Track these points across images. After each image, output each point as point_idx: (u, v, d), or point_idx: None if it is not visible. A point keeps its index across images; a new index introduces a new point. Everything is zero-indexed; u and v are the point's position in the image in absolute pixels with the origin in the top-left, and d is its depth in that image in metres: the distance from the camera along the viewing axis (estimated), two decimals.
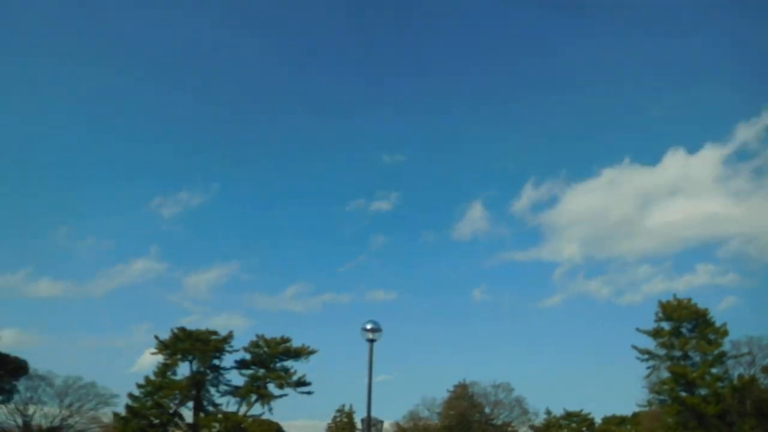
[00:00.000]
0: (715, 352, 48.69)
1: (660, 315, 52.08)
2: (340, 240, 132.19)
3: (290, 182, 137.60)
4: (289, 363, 55.59)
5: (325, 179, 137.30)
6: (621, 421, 70.17)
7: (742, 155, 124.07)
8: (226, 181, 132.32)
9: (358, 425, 66.29)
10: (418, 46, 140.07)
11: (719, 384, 47.83)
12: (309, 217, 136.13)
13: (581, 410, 73.14)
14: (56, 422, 52.77)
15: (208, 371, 54.06)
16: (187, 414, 52.66)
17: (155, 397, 51.02)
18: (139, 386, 51.62)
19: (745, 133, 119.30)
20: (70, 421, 53.83)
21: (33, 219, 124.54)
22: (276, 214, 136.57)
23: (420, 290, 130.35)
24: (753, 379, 48.73)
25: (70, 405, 53.51)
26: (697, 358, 49.55)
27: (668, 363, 50.38)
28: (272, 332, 62.64)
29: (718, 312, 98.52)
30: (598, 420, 72.66)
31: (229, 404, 53.88)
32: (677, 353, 50.20)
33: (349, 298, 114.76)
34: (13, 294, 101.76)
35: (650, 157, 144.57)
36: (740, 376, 49.01)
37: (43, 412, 52.71)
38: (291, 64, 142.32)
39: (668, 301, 52.35)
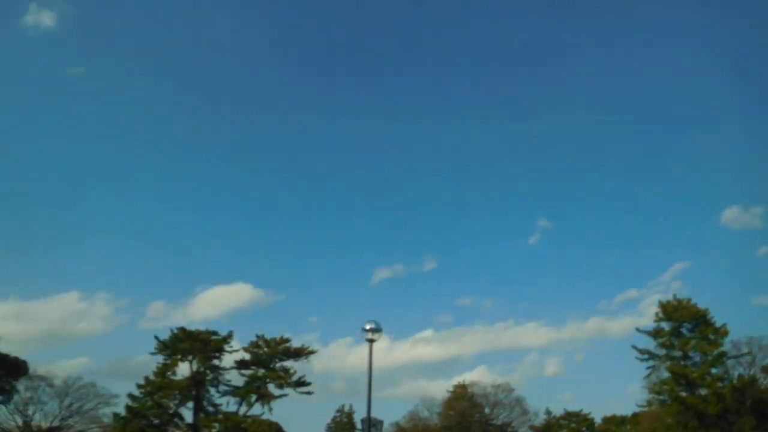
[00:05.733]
0: (715, 352, 48.69)
1: (660, 315, 52.10)
2: None
3: None
4: (288, 363, 55.70)
5: None
6: (621, 421, 70.09)
7: None
8: None
9: (358, 425, 66.26)
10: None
11: (719, 384, 47.81)
12: None
13: (581, 410, 73.24)
14: (56, 422, 52.73)
15: (207, 371, 54.00)
16: (187, 414, 52.66)
17: (155, 397, 50.94)
18: (139, 386, 51.58)
19: None
20: (70, 421, 53.80)
21: None
22: None
23: None
24: (753, 379, 48.75)
25: (70, 405, 53.47)
26: (697, 358, 49.56)
27: (668, 363, 50.38)
28: None
29: None
30: (598, 420, 72.68)
31: (229, 404, 53.91)
32: (677, 353, 50.21)
33: None
34: None
35: None
36: (740, 376, 49.03)
37: (43, 412, 52.75)
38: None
39: (668, 302, 52.38)
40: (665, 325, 51.70)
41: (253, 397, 53.26)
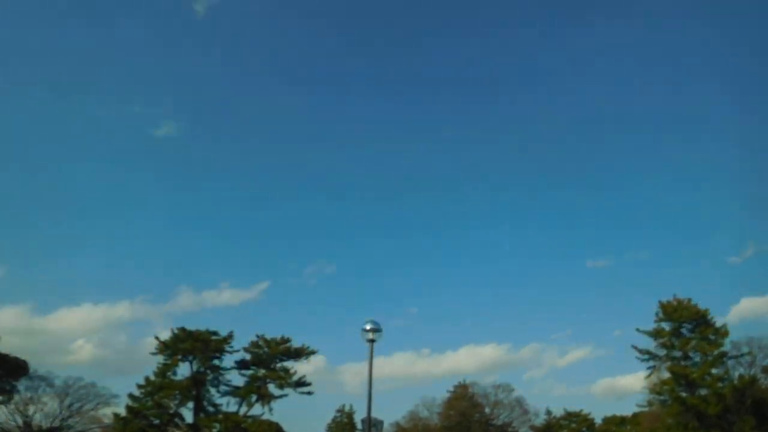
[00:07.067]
0: (716, 352, 48.68)
1: (660, 315, 52.12)
2: None
3: None
4: (289, 363, 55.73)
5: None
6: (621, 421, 69.99)
7: None
8: None
9: (359, 425, 66.24)
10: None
11: (719, 384, 47.79)
12: None
13: (581, 410, 73.20)
14: (56, 422, 52.72)
15: (208, 371, 54.04)
16: (187, 414, 52.70)
17: (155, 397, 50.95)
18: (139, 386, 51.59)
19: None
20: (70, 421, 53.79)
21: None
22: None
23: None
24: (753, 379, 48.74)
25: (70, 405, 53.47)
26: (698, 359, 49.56)
27: (668, 363, 50.39)
28: None
29: None
30: (598, 420, 72.65)
31: (229, 404, 54.00)
32: (677, 353, 50.22)
33: None
34: None
35: None
36: (740, 377, 49.01)
37: (43, 412, 52.73)
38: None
39: (668, 302, 52.38)
40: (665, 326, 51.74)
41: (254, 397, 53.32)
